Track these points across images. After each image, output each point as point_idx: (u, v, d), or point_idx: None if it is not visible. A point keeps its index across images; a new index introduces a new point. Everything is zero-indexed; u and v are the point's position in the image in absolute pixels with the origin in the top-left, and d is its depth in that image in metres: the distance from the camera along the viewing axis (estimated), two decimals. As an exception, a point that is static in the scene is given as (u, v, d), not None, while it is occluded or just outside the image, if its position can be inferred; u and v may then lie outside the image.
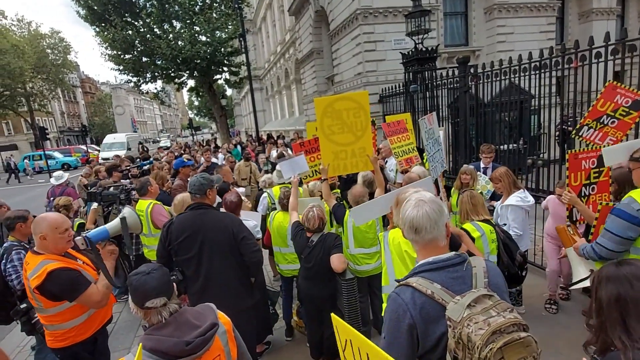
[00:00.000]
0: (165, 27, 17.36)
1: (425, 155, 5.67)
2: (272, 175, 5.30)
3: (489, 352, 1.00)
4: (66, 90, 43.55)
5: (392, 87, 9.48)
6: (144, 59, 17.60)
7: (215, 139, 26.75)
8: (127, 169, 6.79)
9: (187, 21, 16.79)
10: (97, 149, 30.59)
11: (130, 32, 16.60)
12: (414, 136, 5.18)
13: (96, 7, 16.91)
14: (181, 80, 19.58)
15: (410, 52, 8.32)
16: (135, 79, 18.82)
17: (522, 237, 3.53)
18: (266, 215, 4.30)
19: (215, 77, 20.26)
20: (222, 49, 17.13)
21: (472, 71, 6.03)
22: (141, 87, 19.73)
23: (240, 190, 5.14)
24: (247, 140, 16.90)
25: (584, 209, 2.88)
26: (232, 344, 1.56)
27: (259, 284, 3.12)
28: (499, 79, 5.35)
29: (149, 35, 16.79)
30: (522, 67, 4.90)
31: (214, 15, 17.22)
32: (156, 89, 22.62)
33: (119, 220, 2.60)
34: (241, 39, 14.51)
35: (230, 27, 17.19)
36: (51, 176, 6.98)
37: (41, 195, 8.92)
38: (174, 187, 5.42)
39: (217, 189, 3.91)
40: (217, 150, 13.04)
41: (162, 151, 15.33)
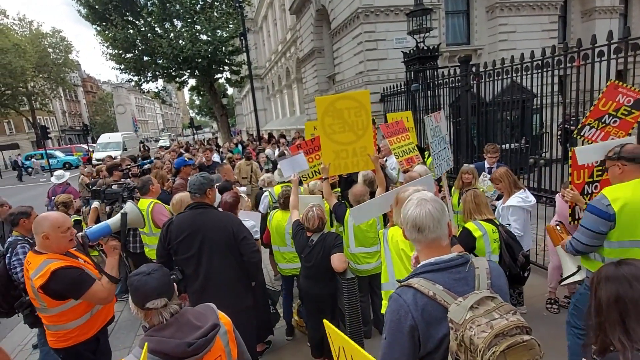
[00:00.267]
0: (166, 26, 17.38)
1: (426, 154, 5.68)
2: (271, 174, 5.30)
3: (491, 355, 0.99)
4: (67, 89, 43.57)
5: (393, 86, 9.46)
6: (145, 58, 17.63)
7: (216, 138, 26.70)
8: (128, 168, 6.79)
9: (188, 20, 16.80)
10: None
11: (131, 31, 16.62)
12: (415, 135, 5.16)
13: (97, 6, 16.93)
14: (182, 79, 19.60)
15: (411, 51, 8.30)
16: (136, 78, 18.87)
17: (524, 238, 3.51)
18: (267, 214, 4.30)
19: (216, 76, 20.27)
20: (223, 48, 17.13)
21: (473, 70, 6.00)
22: (142, 86, 19.77)
23: (241, 189, 5.13)
24: (248, 139, 16.87)
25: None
26: (233, 344, 1.56)
27: (259, 284, 3.11)
28: (500, 77, 5.33)
29: (150, 34, 16.80)
30: (524, 66, 4.87)
31: (215, 14, 17.22)
32: (157, 88, 22.56)
33: (120, 215, 2.60)
34: (242, 38, 14.51)
35: (231, 26, 17.19)
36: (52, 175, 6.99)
37: (42, 194, 8.92)
38: (175, 186, 5.43)
39: (217, 188, 3.93)
40: (218, 149, 13.03)
41: (162, 150, 15.32)
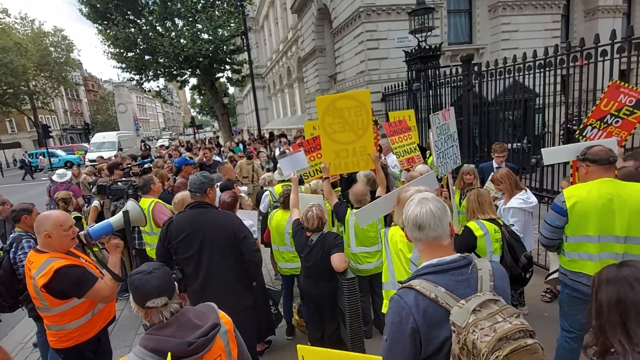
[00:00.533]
0: (167, 25, 17.37)
1: (427, 153, 5.65)
2: (272, 173, 5.29)
3: (494, 359, 0.97)
4: (69, 88, 43.67)
5: (394, 85, 9.44)
6: (147, 57, 17.65)
7: (217, 137, 26.68)
8: (129, 166, 6.79)
9: (190, 19, 16.80)
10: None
11: (132, 30, 16.63)
12: (417, 134, 5.13)
13: (99, 5, 16.95)
14: (183, 78, 19.62)
15: (413, 50, 8.27)
16: (137, 77, 18.90)
17: (525, 239, 3.48)
18: (267, 213, 4.29)
19: (217, 75, 20.28)
20: (225, 47, 17.13)
21: (475, 69, 5.98)
22: (143, 85, 19.80)
23: (242, 188, 5.13)
24: (249, 138, 16.82)
25: None
26: (233, 343, 1.56)
27: (258, 284, 3.10)
28: (503, 77, 5.30)
29: (151, 33, 16.81)
30: (527, 65, 4.85)
31: (216, 13, 17.22)
32: (158, 87, 22.54)
33: (122, 214, 2.59)
34: (243, 37, 14.49)
35: (232, 25, 17.19)
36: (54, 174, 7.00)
37: (43, 193, 8.95)
38: (176, 185, 5.43)
39: (219, 187, 3.92)
40: (219, 148, 13.01)
41: (163, 149, 15.32)
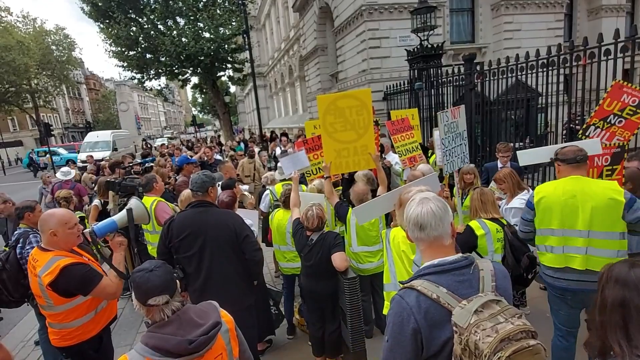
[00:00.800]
0: (169, 23, 17.37)
1: (429, 152, 5.64)
2: (273, 172, 5.30)
3: None
4: (71, 86, 43.70)
5: (396, 84, 9.42)
6: (148, 56, 17.65)
7: (218, 136, 26.70)
8: (130, 165, 6.80)
9: (191, 18, 16.78)
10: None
11: (134, 28, 16.63)
12: (420, 133, 5.12)
13: (100, 4, 16.93)
14: (185, 77, 19.62)
15: (415, 49, 8.25)
16: (139, 76, 18.90)
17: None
18: (269, 212, 4.30)
19: (218, 74, 20.26)
20: (226, 46, 17.11)
21: (478, 68, 5.96)
22: (145, 84, 19.79)
23: (243, 187, 5.13)
24: (250, 138, 16.79)
25: None
26: (234, 342, 1.56)
27: (258, 283, 3.10)
28: (505, 76, 5.29)
29: (152, 31, 16.80)
30: (529, 64, 4.83)
31: (218, 11, 17.20)
32: (160, 85, 22.55)
33: (125, 211, 2.59)
34: (245, 36, 14.45)
35: (234, 23, 17.16)
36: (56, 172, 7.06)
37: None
38: (177, 183, 5.45)
39: (220, 185, 3.92)
40: (220, 147, 13.02)
41: (164, 148, 15.36)
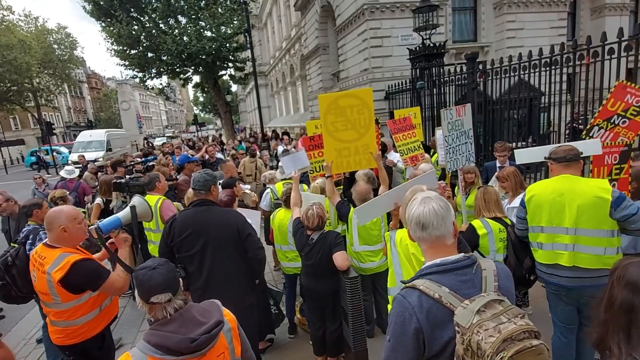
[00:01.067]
0: (170, 22, 17.39)
1: (431, 151, 5.62)
2: (274, 171, 5.32)
3: None
4: (72, 85, 43.86)
5: (398, 83, 9.40)
6: (150, 55, 17.68)
7: (220, 135, 26.74)
8: (132, 164, 6.82)
9: (193, 16, 16.79)
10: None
11: (135, 27, 16.65)
12: (422, 132, 5.10)
13: (102, 3, 16.97)
14: (186, 76, 19.66)
15: (417, 48, 8.23)
16: (140, 75, 18.93)
17: (526, 240, 3.48)
18: (270, 212, 4.31)
19: (220, 72, 20.29)
20: (227, 45, 17.13)
21: (480, 68, 5.94)
22: (146, 83, 19.84)
23: (244, 186, 5.14)
24: (246, 139, 16.64)
25: None
26: (237, 341, 1.56)
27: (260, 283, 3.11)
28: (508, 75, 5.27)
29: (154, 30, 16.82)
30: (532, 63, 4.81)
31: (219, 10, 17.21)
32: (161, 84, 22.65)
33: (129, 209, 2.61)
34: (246, 35, 14.43)
35: (235, 22, 17.17)
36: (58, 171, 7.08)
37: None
38: (179, 182, 5.45)
39: (221, 184, 3.91)
40: (222, 146, 13.01)
41: (165, 147, 15.40)
